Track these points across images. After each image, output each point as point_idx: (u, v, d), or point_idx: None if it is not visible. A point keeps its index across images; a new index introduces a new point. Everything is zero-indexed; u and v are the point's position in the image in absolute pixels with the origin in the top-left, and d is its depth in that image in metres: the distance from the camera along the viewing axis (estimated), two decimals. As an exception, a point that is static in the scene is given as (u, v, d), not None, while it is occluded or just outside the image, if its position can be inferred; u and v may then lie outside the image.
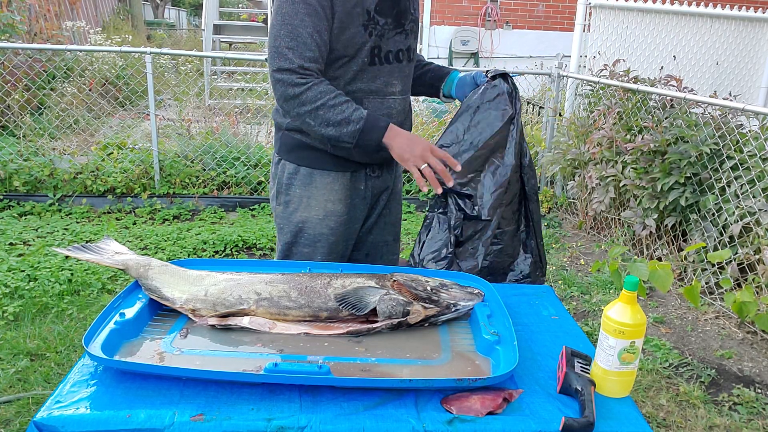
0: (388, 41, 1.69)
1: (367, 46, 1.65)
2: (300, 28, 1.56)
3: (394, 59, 1.72)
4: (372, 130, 1.61)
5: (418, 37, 1.82)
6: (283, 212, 1.83)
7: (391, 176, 1.92)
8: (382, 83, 1.72)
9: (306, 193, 1.78)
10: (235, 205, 4.73)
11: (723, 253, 2.77)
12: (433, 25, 8.41)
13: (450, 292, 1.37)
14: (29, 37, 7.19)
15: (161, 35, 15.36)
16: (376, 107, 1.71)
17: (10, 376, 2.45)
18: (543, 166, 4.96)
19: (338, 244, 1.84)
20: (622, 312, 1.10)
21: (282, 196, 1.82)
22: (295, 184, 1.79)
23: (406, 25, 1.73)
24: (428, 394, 1.09)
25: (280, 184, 1.82)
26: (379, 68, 1.70)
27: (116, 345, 1.18)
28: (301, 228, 1.81)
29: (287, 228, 1.83)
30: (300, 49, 1.57)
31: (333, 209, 1.79)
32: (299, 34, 1.56)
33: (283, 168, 1.81)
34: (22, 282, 3.16)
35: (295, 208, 1.80)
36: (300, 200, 1.79)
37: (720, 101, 3.54)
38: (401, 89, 1.79)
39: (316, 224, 1.79)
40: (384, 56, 1.70)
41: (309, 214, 1.79)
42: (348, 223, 1.84)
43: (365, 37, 1.64)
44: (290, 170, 1.79)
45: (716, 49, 5.23)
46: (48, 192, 4.53)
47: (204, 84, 7.69)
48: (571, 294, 3.50)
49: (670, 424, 2.40)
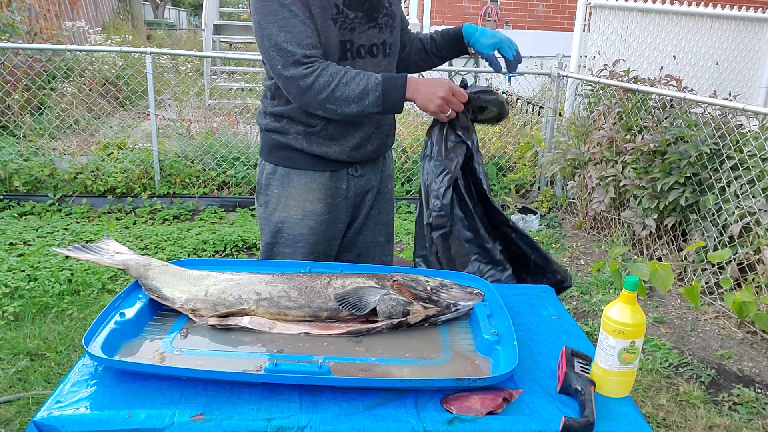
0: (360, 35, 1.67)
1: (337, 40, 1.64)
2: (290, 19, 1.55)
3: (368, 54, 1.70)
4: (392, 90, 1.59)
5: (396, 31, 1.79)
6: (263, 212, 1.84)
7: (376, 176, 1.90)
8: None
9: (284, 193, 1.79)
10: (235, 205, 4.73)
11: (723, 253, 2.77)
12: (433, 25, 8.41)
13: (450, 292, 1.37)
14: (29, 37, 7.19)
15: (161, 35, 15.37)
16: None
17: (10, 376, 2.45)
18: (543, 166, 4.97)
19: (319, 244, 1.82)
20: (622, 312, 1.10)
21: (261, 196, 1.83)
22: (273, 184, 1.80)
23: (379, 19, 1.71)
24: (428, 394, 1.09)
25: (260, 185, 1.83)
26: (352, 63, 1.67)
27: (116, 345, 1.18)
28: (280, 228, 1.81)
29: (267, 228, 1.84)
30: (297, 39, 1.56)
31: (312, 209, 1.79)
32: (293, 25, 1.55)
33: (263, 168, 1.82)
34: (22, 282, 3.16)
35: (274, 208, 1.81)
36: (278, 200, 1.80)
37: (720, 101, 3.54)
38: None
39: (295, 224, 1.79)
40: (356, 51, 1.68)
41: (287, 214, 1.79)
42: (329, 223, 1.83)
43: (335, 30, 1.63)
44: (269, 170, 1.80)
45: (716, 49, 5.23)
46: (48, 192, 4.53)
47: (204, 84, 7.69)
48: (571, 294, 3.51)
49: (670, 424, 2.40)
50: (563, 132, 4.71)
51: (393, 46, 1.80)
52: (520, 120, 5.59)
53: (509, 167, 5.23)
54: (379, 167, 1.91)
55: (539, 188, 5.16)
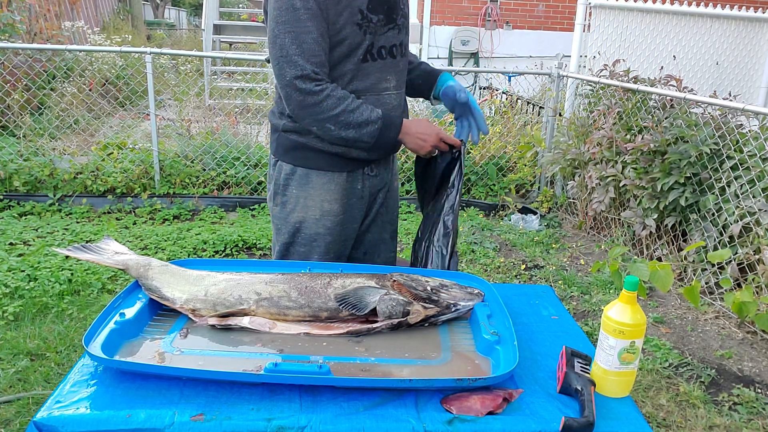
0: (380, 37, 1.70)
1: (363, 45, 1.67)
2: (304, 34, 1.58)
3: (388, 55, 1.73)
4: (389, 127, 1.69)
5: (408, 32, 1.84)
6: (281, 213, 1.84)
7: (388, 174, 1.93)
8: (376, 79, 1.73)
9: (303, 193, 1.79)
10: (235, 205, 4.73)
11: (723, 253, 2.77)
12: (433, 25, 8.40)
13: (450, 292, 1.37)
14: (29, 37, 7.19)
15: (161, 35, 15.37)
16: (371, 104, 1.71)
17: (10, 376, 2.45)
18: (543, 166, 4.96)
19: (335, 244, 1.84)
20: (622, 312, 1.10)
21: (279, 196, 1.83)
22: (291, 184, 1.80)
23: (397, 20, 1.74)
24: (428, 394, 1.09)
25: (278, 185, 1.83)
26: (372, 65, 1.70)
27: (116, 345, 1.18)
28: (299, 228, 1.82)
29: (285, 228, 1.84)
30: (308, 55, 1.59)
31: (329, 209, 1.80)
32: (304, 41, 1.58)
33: (280, 169, 1.82)
34: (22, 282, 3.16)
35: (292, 208, 1.81)
36: (297, 200, 1.80)
37: (720, 101, 3.54)
38: (395, 84, 1.79)
39: (313, 224, 1.80)
40: (377, 52, 1.70)
41: (306, 214, 1.80)
42: (345, 223, 1.84)
43: (361, 36, 1.65)
44: (287, 171, 1.80)
45: (716, 49, 5.23)
46: (48, 192, 4.53)
47: (204, 84, 7.69)
48: (571, 294, 3.50)
49: (670, 424, 2.40)
50: (563, 132, 4.71)
51: (407, 46, 1.85)
52: (520, 120, 5.58)
53: (509, 167, 5.23)
54: (390, 165, 1.93)
55: (539, 188, 5.15)
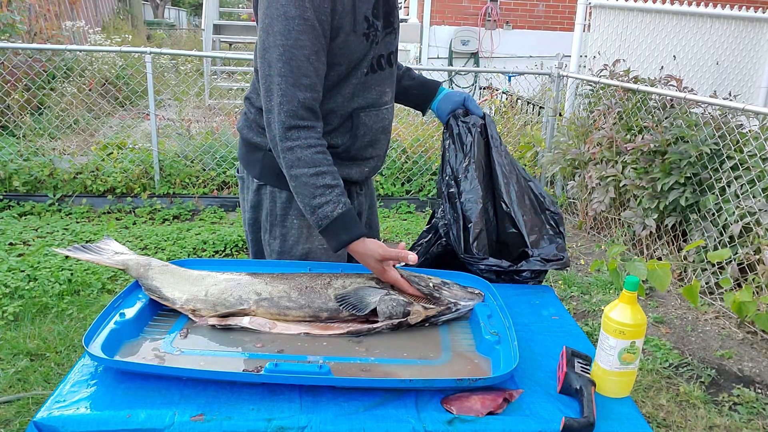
0: (380, 46, 1.53)
1: (368, 57, 1.51)
2: (295, 49, 1.38)
3: (386, 64, 1.58)
4: (343, 229, 1.43)
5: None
6: (282, 246, 1.64)
7: (370, 191, 1.84)
8: (377, 93, 1.58)
9: (305, 222, 1.60)
10: (235, 205, 4.73)
11: (723, 253, 2.77)
12: (433, 25, 8.40)
13: (451, 290, 1.37)
14: (29, 37, 7.18)
15: (161, 35, 15.35)
16: (373, 121, 1.59)
17: (10, 376, 2.45)
18: (543, 166, 4.96)
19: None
20: (622, 312, 1.10)
21: (277, 228, 1.63)
22: (291, 213, 1.61)
23: (394, 23, 1.58)
24: (428, 394, 1.09)
25: (274, 216, 1.63)
26: (372, 77, 1.55)
27: (116, 345, 1.18)
28: (305, 260, 1.65)
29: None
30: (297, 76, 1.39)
31: None
32: (294, 56, 1.38)
33: (273, 196, 1.62)
34: (22, 282, 3.16)
35: (296, 240, 1.63)
36: (300, 231, 1.62)
37: (720, 101, 3.54)
38: (391, 96, 1.65)
39: (321, 254, 1.64)
40: (377, 63, 1.54)
41: (312, 245, 1.63)
42: None
43: (366, 48, 1.50)
44: (283, 199, 1.60)
45: (716, 49, 5.23)
46: (48, 192, 4.53)
47: (204, 84, 7.69)
48: (571, 294, 3.50)
49: (670, 424, 2.40)
50: (563, 132, 4.71)
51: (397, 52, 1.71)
52: (520, 120, 5.59)
53: (509, 167, 5.22)
54: (371, 183, 1.84)
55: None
